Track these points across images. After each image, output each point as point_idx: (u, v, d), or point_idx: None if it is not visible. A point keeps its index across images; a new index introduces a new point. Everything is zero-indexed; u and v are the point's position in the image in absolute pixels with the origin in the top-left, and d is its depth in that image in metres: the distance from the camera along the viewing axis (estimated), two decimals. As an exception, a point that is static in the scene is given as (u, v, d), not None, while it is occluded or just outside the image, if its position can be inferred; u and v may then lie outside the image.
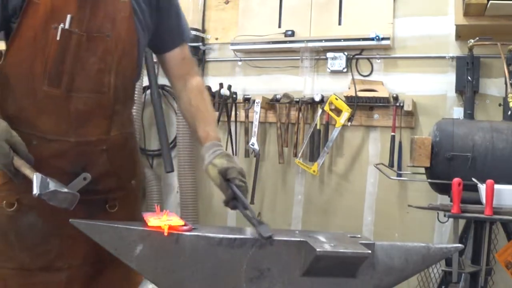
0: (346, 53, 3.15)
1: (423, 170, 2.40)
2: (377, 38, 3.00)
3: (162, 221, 1.00)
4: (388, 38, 3.01)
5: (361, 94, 3.03)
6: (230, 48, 3.40)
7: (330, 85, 3.21)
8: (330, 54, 3.17)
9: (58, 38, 1.19)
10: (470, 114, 2.67)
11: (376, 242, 0.89)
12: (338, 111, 3.02)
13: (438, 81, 2.96)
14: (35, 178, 1.09)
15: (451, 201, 2.03)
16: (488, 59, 2.80)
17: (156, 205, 1.20)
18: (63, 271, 1.29)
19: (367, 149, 3.14)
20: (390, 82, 3.07)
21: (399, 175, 2.88)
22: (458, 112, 2.88)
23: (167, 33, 1.46)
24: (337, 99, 3.01)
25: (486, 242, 2.13)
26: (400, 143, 2.96)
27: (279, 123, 3.24)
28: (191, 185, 3.41)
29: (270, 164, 3.35)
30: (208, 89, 3.35)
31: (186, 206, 3.38)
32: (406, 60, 3.06)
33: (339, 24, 3.16)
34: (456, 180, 2.00)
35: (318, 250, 0.84)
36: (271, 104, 3.27)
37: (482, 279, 2.11)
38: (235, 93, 3.35)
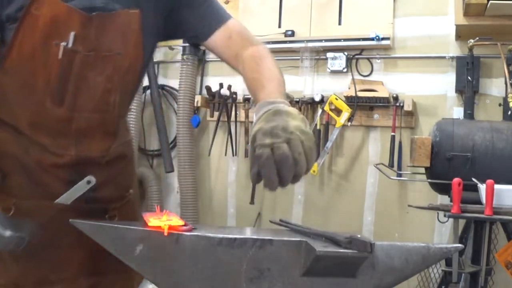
0: (346, 53, 3.15)
1: (423, 170, 2.40)
2: (377, 38, 3.00)
3: (162, 221, 1.00)
4: (388, 38, 3.01)
5: (361, 94, 3.03)
6: (230, 48, 3.40)
7: (330, 85, 3.21)
8: (330, 54, 3.17)
9: (60, 57, 1.10)
10: (470, 114, 2.68)
11: (376, 242, 0.89)
12: (338, 111, 3.02)
13: (438, 81, 2.97)
14: None
15: (451, 201, 2.03)
16: (488, 59, 2.81)
17: (156, 205, 1.20)
18: (57, 285, 1.21)
19: (367, 149, 3.14)
20: (390, 82, 3.07)
21: (399, 175, 2.89)
22: (458, 112, 2.88)
23: (199, 20, 1.33)
24: (337, 99, 3.01)
25: (486, 242, 2.13)
26: (400, 143, 2.96)
27: (279, 123, 3.24)
28: (191, 185, 3.40)
29: (270, 164, 3.35)
30: (208, 89, 3.36)
31: (186, 206, 3.38)
32: (406, 60, 3.06)
33: (339, 24, 3.17)
34: (456, 180, 2.00)
35: (318, 250, 0.84)
36: (271, 104, 3.26)
37: (482, 279, 2.10)
38: (235, 93, 3.35)
